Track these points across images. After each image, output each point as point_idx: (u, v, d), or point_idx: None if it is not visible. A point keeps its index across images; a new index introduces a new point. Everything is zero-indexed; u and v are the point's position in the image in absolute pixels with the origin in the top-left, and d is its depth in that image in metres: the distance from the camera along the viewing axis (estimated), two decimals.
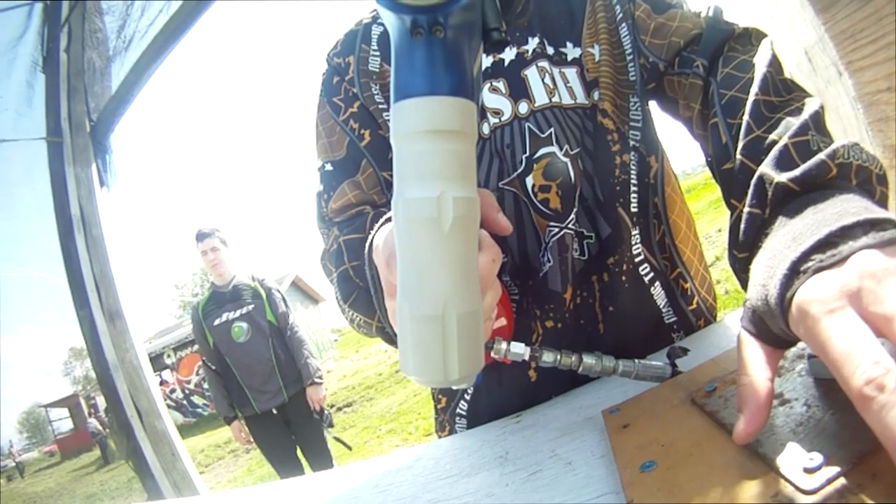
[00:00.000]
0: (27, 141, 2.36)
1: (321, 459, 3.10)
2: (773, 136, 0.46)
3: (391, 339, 0.62)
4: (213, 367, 3.03)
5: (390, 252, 0.38)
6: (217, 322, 3.00)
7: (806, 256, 0.33)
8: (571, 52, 0.71)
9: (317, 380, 3.03)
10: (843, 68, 0.71)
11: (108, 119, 2.34)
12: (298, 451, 3.16)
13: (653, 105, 0.74)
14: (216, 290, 3.07)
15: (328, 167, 0.75)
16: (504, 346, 0.54)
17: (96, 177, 2.38)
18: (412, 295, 0.32)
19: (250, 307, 3.04)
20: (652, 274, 0.71)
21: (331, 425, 3.17)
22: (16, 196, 2.63)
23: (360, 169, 0.72)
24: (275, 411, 3.03)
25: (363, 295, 0.60)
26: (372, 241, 0.50)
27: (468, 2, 0.30)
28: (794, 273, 0.33)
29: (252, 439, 3.09)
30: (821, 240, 0.33)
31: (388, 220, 0.48)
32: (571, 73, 0.70)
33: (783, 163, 0.42)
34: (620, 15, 0.70)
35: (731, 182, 0.49)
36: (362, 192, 0.71)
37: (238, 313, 3.01)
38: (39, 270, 2.75)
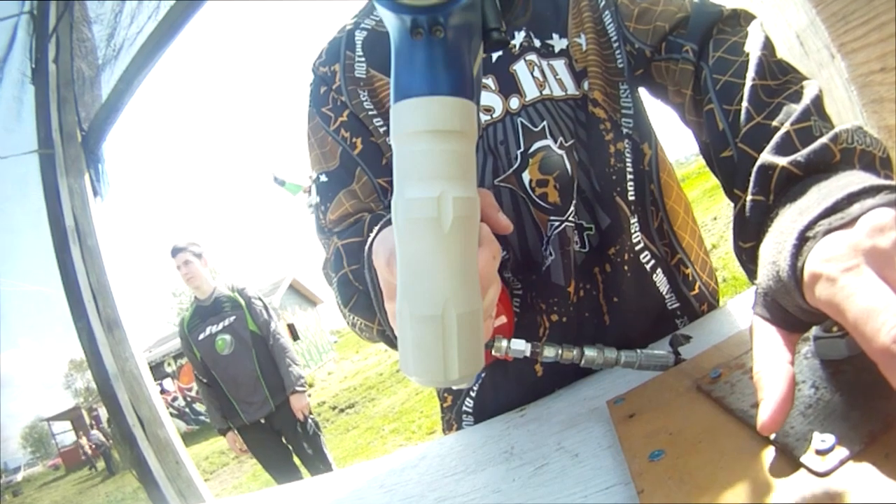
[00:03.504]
0: (18, 156, 2.34)
1: (318, 465, 3.09)
2: (774, 123, 0.45)
3: (392, 342, 0.62)
4: (205, 381, 3.03)
5: (390, 253, 0.38)
6: (202, 336, 3.00)
7: (814, 223, 0.32)
8: (558, 43, 0.70)
9: (298, 388, 3.00)
10: (836, 51, 0.70)
11: (99, 128, 2.32)
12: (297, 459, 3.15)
13: (643, 92, 0.74)
14: (199, 304, 3.07)
15: (323, 178, 0.74)
16: (504, 343, 0.54)
17: (89, 187, 2.37)
18: (412, 295, 0.32)
19: (232, 319, 3.02)
20: (653, 261, 0.70)
21: (315, 434, 3.09)
22: (9, 212, 2.62)
23: (354, 178, 0.72)
24: (263, 421, 3.02)
25: (363, 298, 0.60)
26: (371, 243, 0.49)
27: (468, 2, 0.30)
28: (803, 241, 0.32)
29: (247, 449, 3.09)
30: (828, 207, 0.32)
31: (387, 222, 0.48)
32: (560, 64, 0.69)
33: (785, 149, 0.42)
34: (603, 2, 0.70)
35: (733, 172, 0.48)
36: (359, 201, 0.71)
37: (221, 326, 3.01)
38: (36, 284, 2.74)
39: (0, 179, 2.48)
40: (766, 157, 0.42)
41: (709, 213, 7.65)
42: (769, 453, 0.30)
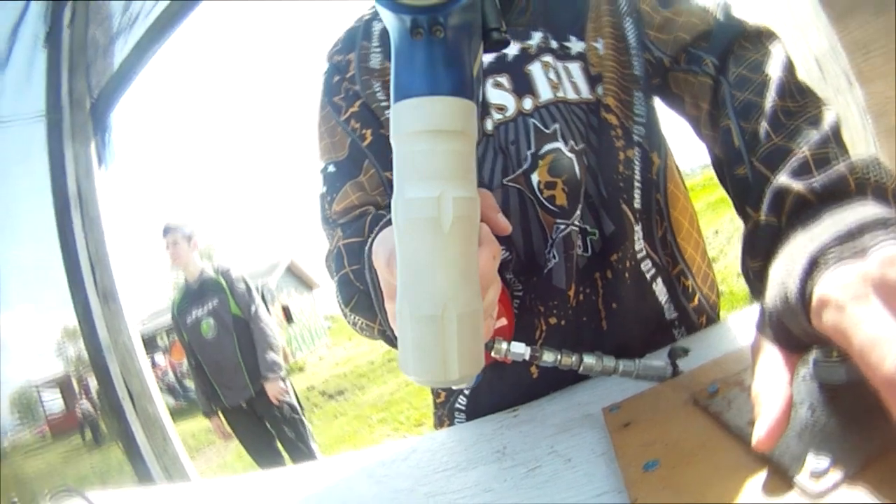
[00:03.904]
0: (26, 120, 2.34)
1: (300, 451, 3.07)
2: (792, 146, 0.45)
3: (393, 342, 0.62)
4: (194, 363, 3.03)
5: (390, 253, 0.38)
6: (189, 320, 2.98)
7: (825, 249, 0.32)
8: (575, 46, 0.70)
9: (270, 375, 2.95)
10: (854, 78, 0.71)
11: (109, 97, 2.32)
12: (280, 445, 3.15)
13: (656, 100, 0.74)
14: (187, 286, 3.04)
15: (331, 168, 0.74)
16: (504, 345, 0.54)
17: (95, 155, 2.36)
18: (412, 295, 0.32)
19: (214, 302, 2.99)
20: (653, 270, 0.71)
21: (295, 415, 3.06)
22: (12, 174, 2.62)
23: (362, 170, 0.72)
24: (245, 405, 3.01)
25: (364, 298, 0.60)
26: (372, 243, 0.49)
27: (468, 2, 0.30)
28: (814, 265, 0.32)
29: (231, 433, 3.09)
30: (840, 234, 0.33)
31: (388, 222, 0.48)
32: (575, 67, 0.69)
33: (802, 174, 0.42)
34: (625, 8, 0.70)
35: (746, 190, 0.48)
36: (365, 194, 0.71)
37: (205, 310, 2.98)
38: (35, 249, 2.74)
39: (6, 142, 2.47)
40: (782, 180, 0.42)
41: (711, 226, 7.65)
42: (764, 472, 0.31)
